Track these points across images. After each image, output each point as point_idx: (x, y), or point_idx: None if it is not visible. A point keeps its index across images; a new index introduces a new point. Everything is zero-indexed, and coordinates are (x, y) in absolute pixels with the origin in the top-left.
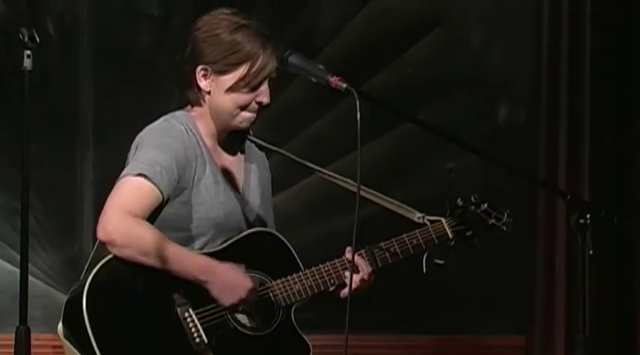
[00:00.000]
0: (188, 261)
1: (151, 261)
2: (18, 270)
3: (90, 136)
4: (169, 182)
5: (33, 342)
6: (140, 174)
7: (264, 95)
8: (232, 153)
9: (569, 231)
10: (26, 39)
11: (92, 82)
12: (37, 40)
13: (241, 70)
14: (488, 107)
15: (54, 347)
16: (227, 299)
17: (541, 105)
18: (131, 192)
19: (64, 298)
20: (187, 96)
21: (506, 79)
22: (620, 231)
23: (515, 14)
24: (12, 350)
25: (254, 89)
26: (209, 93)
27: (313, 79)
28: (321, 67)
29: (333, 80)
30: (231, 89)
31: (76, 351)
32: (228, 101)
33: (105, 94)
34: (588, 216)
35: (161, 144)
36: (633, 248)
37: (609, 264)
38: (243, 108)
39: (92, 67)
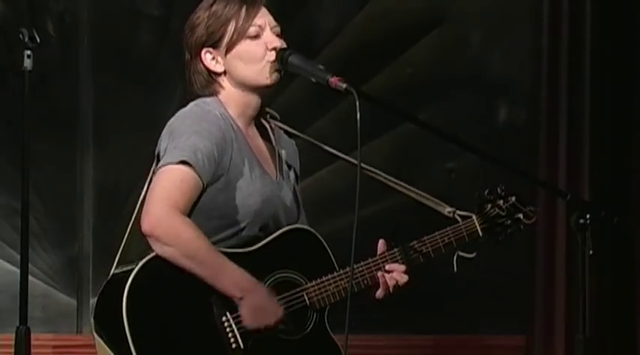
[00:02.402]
0: (229, 275)
1: (191, 265)
2: (18, 270)
3: (90, 136)
4: (210, 169)
5: (33, 342)
6: (182, 162)
7: (272, 40)
8: (263, 138)
9: (569, 231)
10: (26, 39)
11: (92, 82)
12: (37, 40)
13: (231, 25)
14: (488, 107)
15: (54, 347)
16: (254, 322)
17: (541, 105)
18: (176, 184)
19: (64, 298)
20: (205, 92)
21: (506, 79)
22: (620, 231)
23: (515, 14)
24: (12, 350)
25: (257, 37)
26: (225, 73)
27: (313, 79)
28: (321, 67)
29: (333, 80)
30: (235, 48)
31: (108, 349)
32: (244, 64)
33: (105, 94)
34: (588, 216)
35: (200, 130)
36: (633, 248)
37: (609, 264)
38: (262, 61)
39: (92, 67)
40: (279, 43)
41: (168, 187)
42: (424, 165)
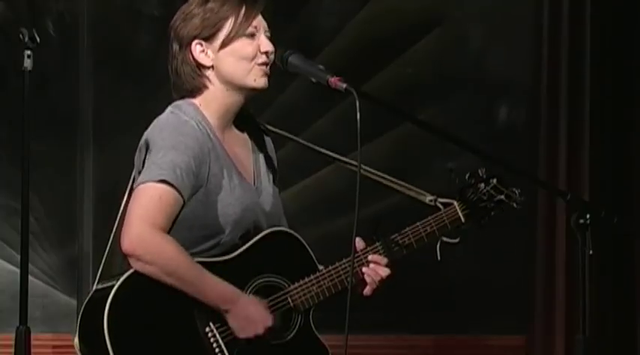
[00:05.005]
0: (212, 288)
1: (174, 282)
2: (18, 270)
3: (90, 136)
4: (189, 184)
5: (33, 342)
6: (162, 180)
7: (265, 44)
8: (240, 141)
9: (569, 231)
10: (26, 39)
11: (92, 82)
12: (37, 40)
13: (229, 22)
14: (489, 107)
15: (54, 347)
16: (244, 332)
17: (541, 105)
18: (155, 202)
19: (64, 298)
20: (191, 85)
21: (506, 79)
22: (620, 231)
23: (515, 14)
24: (12, 350)
25: (252, 37)
26: (212, 68)
27: (313, 79)
28: (321, 67)
29: (333, 80)
30: (231, 45)
31: None
32: (235, 61)
33: (105, 94)
34: (588, 216)
35: (178, 144)
36: (633, 248)
37: (609, 264)
38: (252, 61)
39: (92, 67)
40: (271, 47)
41: (146, 205)
42: (424, 165)
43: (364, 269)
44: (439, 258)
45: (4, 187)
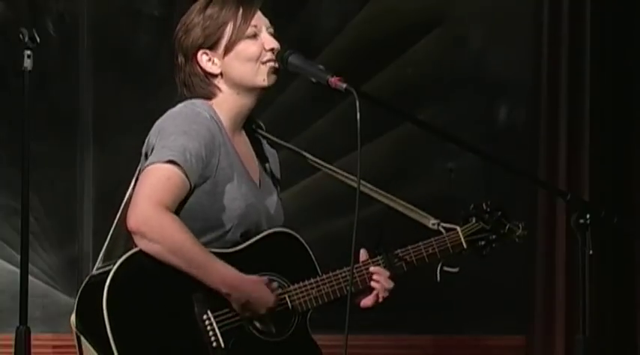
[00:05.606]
0: (215, 270)
1: (178, 261)
2: (18, 270)
3: (90, 136)
4: (197, 170)
5: (33, 342)
6: (170, 161)
7: (269, 41)
8: (248, 146)
9: (569, 231)
10: (26, 39)
11: (92, 82)
12: (37, 40)
13: (229, 27)
14: (488, 107)
15: (54, 347)
16: (246, 313)
17: (541, 105)
18: (163, 182)
19: (64, 298)
20: (201, 93)
21: (506, 79)
22: (620, 231)
23: (515, 14)
24: (12, 350)
25: (254, 37)
26: (221, 75)
27: (313, 79)
28: (321, 67)
29: (333, 80)
30: (234, 49)
31: (90, 346)
32: (241, 64)
33: (105, 94)
34: (588, 216)
35: (190, 131)
36: (633, 248)
37: (609, 264)
38: (258, 60)
39: (92, 67)
40: (275, 44)
41: (154, 185)
42: (424, 165)
43: (373, 283)
44: (438, 279)
45: (4, 187)
